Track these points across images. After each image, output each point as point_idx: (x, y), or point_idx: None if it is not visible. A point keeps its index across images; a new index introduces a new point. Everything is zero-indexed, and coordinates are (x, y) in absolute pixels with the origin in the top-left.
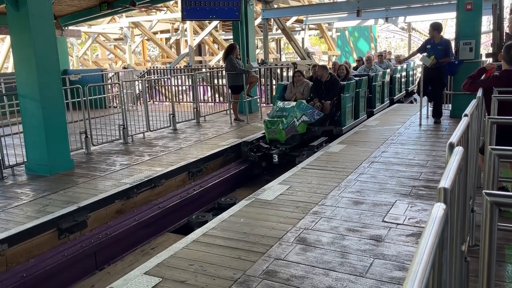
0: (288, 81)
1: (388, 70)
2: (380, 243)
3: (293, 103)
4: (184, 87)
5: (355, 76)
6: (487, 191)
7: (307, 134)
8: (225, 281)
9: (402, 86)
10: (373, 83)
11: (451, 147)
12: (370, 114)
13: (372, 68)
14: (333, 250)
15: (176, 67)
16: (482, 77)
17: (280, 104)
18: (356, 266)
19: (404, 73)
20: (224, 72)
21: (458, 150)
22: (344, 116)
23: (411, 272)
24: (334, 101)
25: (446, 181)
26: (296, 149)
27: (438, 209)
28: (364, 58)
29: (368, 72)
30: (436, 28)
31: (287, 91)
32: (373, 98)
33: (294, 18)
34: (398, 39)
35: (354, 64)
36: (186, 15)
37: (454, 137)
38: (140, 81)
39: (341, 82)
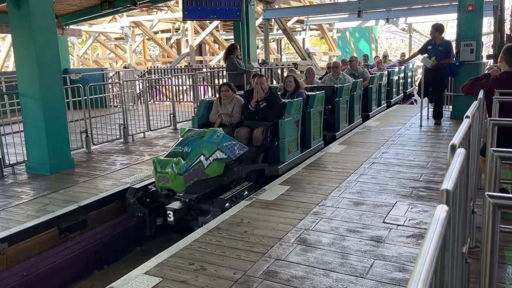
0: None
1: (369, 77)
2: (380, 244)
3: (204, 132)
4: (184, 87)
5: (316, 88)
6: (490, 193)
7: (226, 175)
8: (226, 281)
9: (400, 88)
10: (337, 98)
11: (453, 148)
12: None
13: (340, 78)
14: (333, 250)
15: (177, 66)
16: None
17: (188, 133)
18: (357, 267)
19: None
20: (224, 72)
21: (460, 152)
22: (283, 150)
23: (414, 274)
24: (270, 128)
25: (448, 183)
26: (208, 199)
27: (441, 210)
28: (330, 65)
29: (335, 83)
30: (438, 29)
31: (212, 110)
32: (341, 115)
33: (295, 19)
34: (399, 40)
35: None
36: (187, 14)
37: (456, 139)
38: (140, 80)
39: (284, 100)
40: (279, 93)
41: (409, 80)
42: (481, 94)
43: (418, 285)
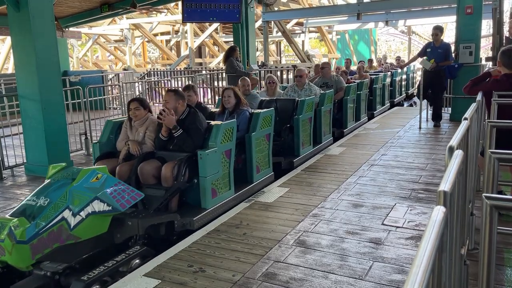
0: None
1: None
2: (379, 246)
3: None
4: None
5: (275, 102)
6: (487, 194)
7: (120, 231)
8: (225, 283)
9: (403, 89)
10: (297, 116)
11: (451, 150)
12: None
13: (305, 88)
14: (332, 252)
15: (176, 69)
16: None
17: (57, 175)
18: (356, 269)
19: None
20: (224, 74)
21: (458, 154)
22: (204, 192)
23: (411, 275)
24: (184, 162)
25: (446, 184)
26: (87, 268)
27: (438, 212)
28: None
29: (299, 95)
30: (440, 30)
31: (120, 135)
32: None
33: (294, 21)
34: (398, 42)
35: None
36: (187, 17)
37: (454, 141)
38: (140, 82)
39: (215, 122)
40: (229, 107)
41: (411, 80)
42: (479, 96)
43: (415, 286)
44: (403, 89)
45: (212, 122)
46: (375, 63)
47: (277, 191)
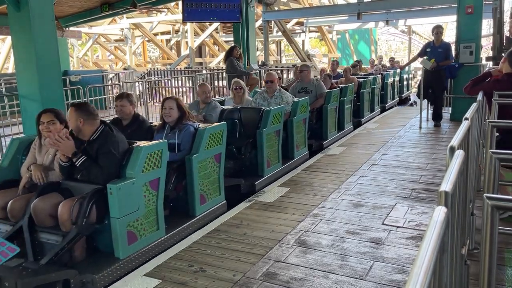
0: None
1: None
2: (380, 246)
3: None
4: (184, 89)
5: (238, 112)
6: (488, 195)
7: None
8: (225, 283)
9: (397, 91)
10: (261, 129)
11: (452, 150)
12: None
13: (276, 96)
14: (333, 252)
15: (177, 68)
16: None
17: None
18: (356, 268)
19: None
20: (224, 73)
21: (459, 154)
22: (116, 240)
23: (412, 276)
24: (92, 198)
25: (447, 185)
26: None
27: (439, 212)
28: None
29: (269, 103)
30: (442, 29)
31: (27, 157)
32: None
33: (294, 21)
34: (399, 42)
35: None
36: (187, 16)
37: (455, 141)
38: (140, 82)
39: (139, 144)
40: (170, 121)
41: (405, 83)
42: (480, 96)
43: (416, 287)
44: (396, 93)
45: (141, 143)
46: (364, 65)
47: (278, 191)
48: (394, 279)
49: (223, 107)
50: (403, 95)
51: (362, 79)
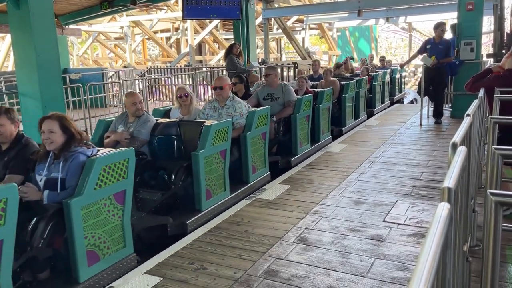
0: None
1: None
2: (381, 243)
3: None
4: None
5: (175, 126)
6: (492, 191)
7: None
8: (226, 281)
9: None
10: (198, 151)
11: (455, 146)
12: None
13: (227, 105)
14: (334, 250)
15: (177, 66)
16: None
17: None
18: (357, 266)
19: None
20: (224, 71)
21: (462, 150)
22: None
23: (416, 272)
24: None
25: (450, 181)
26: None
27: (443, 209)
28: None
29: (220, 114)
30: (445, 26)
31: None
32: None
33: (294, 18)
34: (399, 39)
35: (355, 64)
36: (187, 14)
37: (457, 137)
38: (140, 80)
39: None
40: (53, 148)
41: (397, 84)
42: (481, 93)
43: (420, 284)
44: (386, 95)
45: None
46: (355, 63)
47: (278, 188)
48: (395, 276)
49: (163, 120)
50: (394, 97)
51: (345, 82)
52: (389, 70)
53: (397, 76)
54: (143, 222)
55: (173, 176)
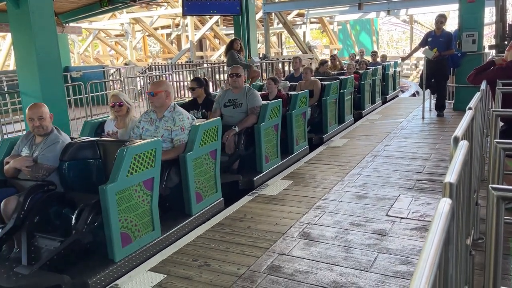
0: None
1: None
2: (384, 237)
3: None
4: (185, 83)
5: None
6: (494, 185)
7: None
8: (230, 277)
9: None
10: (105, 186)
11: (456, 141)
12: None
13: (166, 117)
14: (337, 244)
15: (178, 62)
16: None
17: None
18: (360, 260)
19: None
20: (226, 67)
21: (463, 144)
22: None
23: (418, 268)
24: None
25: (451, 176)
26: None
27: (444, 204)
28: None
29: (156, 129)
30: (445, 17)
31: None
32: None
33: (295, 12)
34: (400, 31)
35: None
36: (187, 10)
37: (459, 131)
38: (141, 77)
39: None
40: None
41: (390, 81)
42: (483, 85)
43: (422, 279)
44: (378, 95)
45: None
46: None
47: (281, 183)
48: (399, 270)
49: (78, 139)
50: (387, 96)
51: (327, 82)
52: (380, 67)
53: (390, 72)
54: (30, 282)
55: (77, 217)
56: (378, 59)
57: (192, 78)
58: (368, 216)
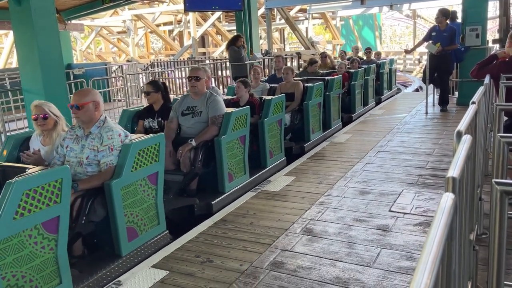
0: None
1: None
2: (387, 233)
3: None
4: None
5: None
6: (497, 180)
7: None
8: (232, 273)
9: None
10: None
11: (459, 135)
12: None
13: (93, 135)
14: (339, 240)
15: (180, 59)
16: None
17: None
18: (363, 256)
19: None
20: (228, 63)
21: (466, 139)
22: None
23: (420, 264)
24: None
25: (454, 171)
26: None
27: (447, 199)
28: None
29: (75, 151)
30: (444, 14)
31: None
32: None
33: (297, 8)
34: (403, 26)
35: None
36: (189, 6)
37: (462, 125)
38: (144, 74)
39: None
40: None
41: (386, 80)
42: (487, 79)
43: (424, 274)
44: (371, 95)
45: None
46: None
47: (283, 179)
48: (402, 266)
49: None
50: (382, 96)
51: (310, 85)
52: (374, 65)
53: (386, 70)
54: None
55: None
56: (373, 57)
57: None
58: (371, 212)
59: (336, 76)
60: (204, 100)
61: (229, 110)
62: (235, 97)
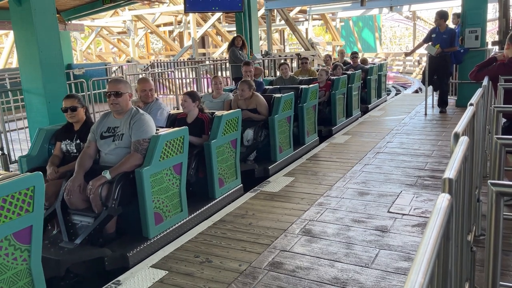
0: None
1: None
2: (385, 234)
3: None
4: (188, 80)
5: None
6: (493, 181)
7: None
8: (231, 273)
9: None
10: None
11: (456, 137)
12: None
13: None
14: (338, 241)
15: (180, 59)
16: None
17: None
18: (362, 257)
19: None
20: (228, 64)
21: (463, 140)
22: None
23: (415, 264)
24: None
25: (451, 172)
26: None
27: (443, 200)
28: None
29: None
30: (442, 16)
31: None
32: None
33: (297, 9)
34: (403, 28)
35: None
36: (189, 7)
37: (459, 127)
38: (144, 74)
39: None
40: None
41: (374, 87)
42: (485, 81)
43: (419, 275)
44: (355, 105)
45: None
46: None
47: (282, 180)
48: (400, 267)
49: None
50: (369, 105)
51: (277, 96)
52: (360, 72)
53: (374, 77)
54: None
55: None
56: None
57: (69, 94)
58: (369, 213)
59: (312, 85)
60: (127, 120)
61: (164, 131)
62: (181, 112)
